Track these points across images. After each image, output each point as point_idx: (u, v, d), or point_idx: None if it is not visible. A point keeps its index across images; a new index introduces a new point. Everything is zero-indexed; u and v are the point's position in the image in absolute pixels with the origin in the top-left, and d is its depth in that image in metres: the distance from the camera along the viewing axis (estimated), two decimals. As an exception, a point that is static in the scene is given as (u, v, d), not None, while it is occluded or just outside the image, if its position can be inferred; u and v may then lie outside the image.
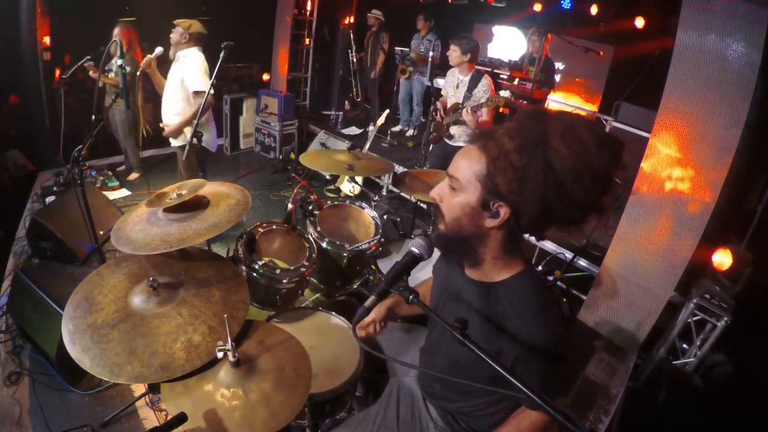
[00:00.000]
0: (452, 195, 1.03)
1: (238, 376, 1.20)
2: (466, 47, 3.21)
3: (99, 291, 1.36)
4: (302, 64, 6.17)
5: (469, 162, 0.99)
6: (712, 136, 2.37)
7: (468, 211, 1.00)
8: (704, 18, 2.30)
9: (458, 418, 1.30)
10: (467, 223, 1.01)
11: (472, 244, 1.04)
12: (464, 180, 1.00)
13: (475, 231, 1.02)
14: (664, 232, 2.63)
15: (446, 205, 1.04)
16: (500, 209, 0.97)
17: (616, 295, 2.90)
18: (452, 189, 1.03)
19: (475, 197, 0.99)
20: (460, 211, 1.01)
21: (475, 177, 0.98)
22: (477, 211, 1.00)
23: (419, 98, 5.59)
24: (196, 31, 2.91)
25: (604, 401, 2.43)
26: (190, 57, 2.92)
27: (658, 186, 2.62)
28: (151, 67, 2.96)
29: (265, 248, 2.17)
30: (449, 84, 3.42)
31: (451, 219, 1.03)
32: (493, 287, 1.08)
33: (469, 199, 1.00)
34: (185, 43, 2.91)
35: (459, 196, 1.01)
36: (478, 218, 1.00)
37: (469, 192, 0.99)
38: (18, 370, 2.12)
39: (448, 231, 1.04)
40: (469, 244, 1.05)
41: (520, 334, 1.00)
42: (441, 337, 1.27)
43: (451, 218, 1.03)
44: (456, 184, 1.01)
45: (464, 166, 1.00)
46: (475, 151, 0.99)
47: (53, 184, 3.56)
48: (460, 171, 1.01)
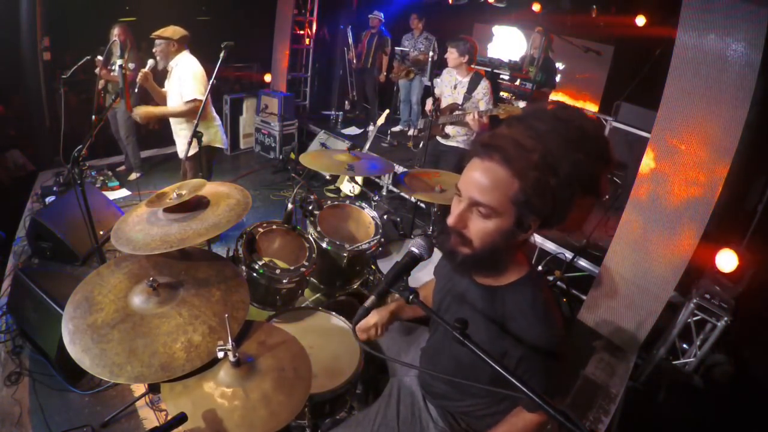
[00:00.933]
0: (482, 221, 0.97)
1: (238, 376, 1.20)
2: (463, 49, 3.22)
3: (99, 291, 1.36)
4: (302, 64, 6.17)
5: (500, 186, 0.93)
6: (712, 136, 2.37)
7: (504, 234, 0.97)
8: (704, 18, 2.29)
9: (458, 418, 1.30)
10: (502, 244, 0.99)
11: (499, 258, 1.04)
12: (499, 206, 0.94)
13: (506, 247, 1.01)
14: (665, 232, 2.63)
15: (475, 232, 0.98)
16: (533, 223, 0.97)
17: (616, 295, 2.90)
18: (481, 214, 0.96)
19: (511, 220, 0.96)
20: (497, 236, 0.97)
21: (510, 201, 0.93)
22: (512, 231, 0.97)
23: (418, 98, 5.60)
24: (182, 35, 2.83)
25: (604, 401, 2.43)
26: (182, 64, 2.84)
27: (658, 186, 2.62)
28: (148, 81, 2.88)
29: (265, 248, 2.17)
30: (446, 83, 3.42)
31: (484, 243, 0.98)
32: (498, 290, 1.08)
33: (506, 224, 0.96)
34: (175, 51, 2.84)
35: (492, 222, 0.96)
36: (512, 237, 0.98)
37: (505, 216, 0.95)
38: (18, 370, 2.13)
39: (479, 254, 1.00)
40: (496, 260, 1.04)
41: (525, 336, 1.01)
42: (444, 338, 1.27)
43: (482, 243, 0.98)
44: (486, 210, 0.95)
45: (494, 191, 0.93)
46: (502, 171, 0.92)
47: (53, 184, 3.56)
48: (491, 196, 0.94)
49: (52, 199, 3.34)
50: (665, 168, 2.58)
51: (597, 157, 0.93)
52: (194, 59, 2.88)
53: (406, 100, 5.83)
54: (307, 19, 5.85)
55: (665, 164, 2.58)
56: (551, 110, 0.98)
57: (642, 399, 2.55)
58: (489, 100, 3.19)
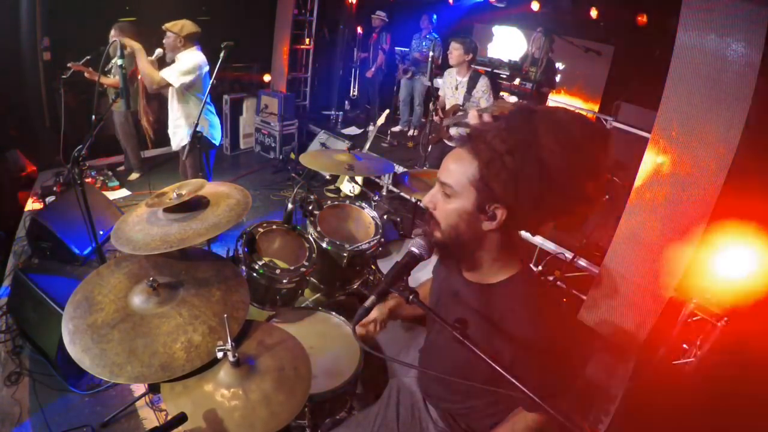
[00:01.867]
0: (446, 201, 1.01)
1: (238, 376, 1.20)
2: (469, 47, 3.25)
3: (99, 291, 1.36)
4: (302, 64, 6.17)
5: (461, 167, 0.98)
6: (712, 136, 2.37)
7: (465, 217, 0.99)
8: (704, 18, 2.29)
9: (458, 419, 1.30)
10: (465, 228, 1.00)
11: (470, 248, 1.04)
12: (458, 186, 0.98)
13: (472, 235, 1.01)
14: (664, 232, 2.63)
15: (441, 212, 1.03)
16: (497, 211, 0.97)
17: (616, 295, 2.90)
18: (446, 195, 1.01)
19: (470, 202, 0.98)
20: (457, 217, 1.00)
21: (469, 182, 0.97)
22: (474, 216, 0.99)
23: (420, 98, 5.60)
24: (189, 32, 2.83)
25: (604, 401, 2.43)
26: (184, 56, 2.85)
27: (658, 186, 2.62)
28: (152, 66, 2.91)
29: (265, 248, 2.17)
30: (448, 85, 3.43)
31: (448, 225, 1.02)
32: (489, 288, 1.08)
33: (464, 205, 0.98)
34: (182, 46, 2.85)
35: (454, 202, 1.00)
36: (475, 222, 0.99)
37: (464, 197, 0.98)
38: (18, 370, 2.12)
39: (445, 237, 1.03)
40: (467, 249, 1.04)
41: (517, 335, 1.00)
42: (439, 337, 1.27)
43: (447, 225, 1.02)
44: (449, 190, 1.00)
45: (456, 171, 0.98)
46: (466, 155, 0.97)
47: (53, 184, 3.56)
48: (452, 176, 0.99)
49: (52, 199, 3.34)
50: (665, 168, 2.58)
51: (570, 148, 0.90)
52: (200, 56, 2.87)
53: (407, 101, 5.83)
54: (307, 19, 5.85)
55: (665, 164, 2.58)
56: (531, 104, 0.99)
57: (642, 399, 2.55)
58: (489, 97, 3.20)
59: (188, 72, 2.80)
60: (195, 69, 2.82)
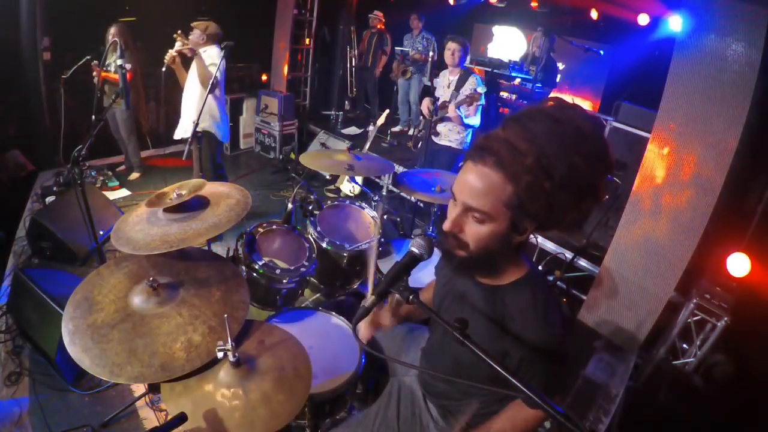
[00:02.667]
0: (477, 225, 0.97)
1: (238, 375, 1.20)
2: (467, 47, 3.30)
3: (99, 291, 1.36)
4: (302, 64, 6.16)
5: (493, 190, 0.92)
6: (712, 136, 2.37)
7: (499, 238, 0.97)
8: (704, 18, 2.30)
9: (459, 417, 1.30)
10: (497, 247, 0.99)
11: (495, 260, 1.04)
12: (493, 211, 0.93)
13: (501, 250, 1.01)
14: (664, 232, 2.63)
15: (471, 236, 0.98)
16: (528, 226, 0.97)
17: (616, 295, 2.90)
18: (476, 219, 0.96)
19: (505, 224, 0.95)
20: (491, 240, 0.97)
21: (504, 206, 0.92)
22: (507, 234, 0.97)
23: (416, 98, 5.61)
24: (212, 32, 3.18)
25: (604, 401, 2.43)
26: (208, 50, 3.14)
27: (658, 186, 2.62)
28: (175, 62, 3.17)
29: (265, 248, 2.17)
30: (442, 84, 3.50)
31: (480, 247, 0.99)
32: (499, 290, 1.08)
33: (500, 228, 0.96)
34: (203, 44, 3.14)
35: (487, 226, 0.96)
36: (507, 239, 0.99)
37: (500, 221, 0.95)
38: (18, 370, 2.12)
39: (475, 257, 1.00)
40: (493, 262, 1.04)
41: (526, 336, 1.00)
42: (444, 338, 1.27)
43: (478, 247, 0.99)
44: (481, 215, 0.95)
45: (488, 196, 0.92)
46: (495, 176, 0.91)
47: (53, 184, 3.56)
48: (484, 201, 0.93)
49: (52, 199, 3.34)
50: (665, 168, 2.58)
51: (595, 159, 0.91)
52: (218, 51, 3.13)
53: (405, 100, 5.83)
54: (307, 19, 5.85)
55: (665, 164, 2.58)
56: (547, 110, 0.94)
57: (642, 399, 2.55)
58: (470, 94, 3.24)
59: (213, 63, 3.08)
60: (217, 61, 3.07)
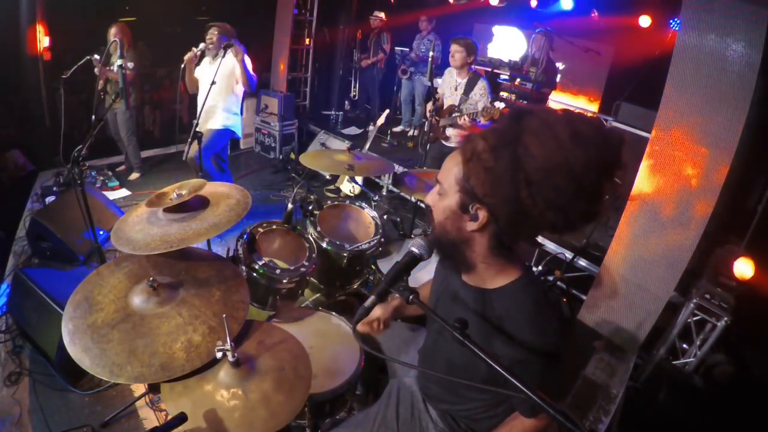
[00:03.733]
0: (439, 200, 1.04)
1: (238, 376, 1.20)
2: (471, 49, 3.24)
3: (99, 291, 1.36)
4: (302, 64, 6.16)
5: (452, 167, 1.00)
6: (712, 136, 2.37)
7: (450, 215, 1.01)
8: (704, 18, 2.29)
9: (458, 419, 1.30)
10: (451, 227, 1.02)
11: (459, 248, 1.04)
12: (447, 185, 1.01)
13: (458, 235, 1.02)
14: (664, 232, 2.63)
15: (435, 210, 1.05)
16: (479, 212, 0.96)
17: (616, 295, 2.90)
18: (439, 194, 1.04)
19: (455, 201, 0.99)
20: (443, 216, 1.02)
21: (455, 181, 0.98)
22: (458, 215, 1.00)
23: (421, 98, 5.61)
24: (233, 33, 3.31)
25: (604, 401, 2.43)
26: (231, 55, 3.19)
27: (658, 186, 2.62)
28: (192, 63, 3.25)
29: (265, 248, 2.17)
30: (447, 85, 3.43)
31: (438, 223, 1.04)
32: (488, 293, 1.08)
33: (450, 203, 1.00)
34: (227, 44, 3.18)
35: (443, 200, 1.02)
36: (459, 222, 1.01)
37: (451, 196, 1.00)
38: (18, 370, 2.12)
39: (437, 235, 1.05)
40: (456, 249, 1.05)
41: (515, 341, 1.00)
42: (438, 338, 1.27)
43: (438, 222, 1.05)
44: (441, 189, 1.03)
45: (448, 171, 1.01)
46: (457, 155, 1.00)
47: (53, 184, 3.56)
48: (445, 176, 1.02)
49: (52, 199, 3.34)
50: (665, 168, 2.58)
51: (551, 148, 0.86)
52: None
53: (408, 100, 5.83)
54: (307, 19, 5.85)
55: (665, 164, 2.58)
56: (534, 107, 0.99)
57: (642, 399, 2.55)
58: (486, 99, 3.19)
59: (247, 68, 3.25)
60: None
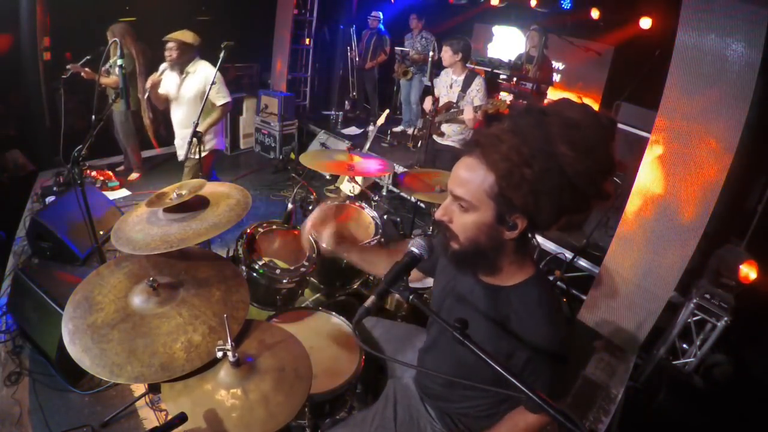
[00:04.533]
0: (463, 215, 0.98)
1: (238, 376, 1.20)
2: (457, 47, 3.31)
3: (99, 291, 1.36)
4: (302, 64, 6.16)
5: (476, 178, 0.94)
6: (712, 136, 2.37)
7: (485, 229, 0.97)
8: (704, 18, 2.29)
9: (456, 419, 1.30)
10: (485, 240, 0.99)
11: (490, 256, 1.03)
12: (474, 199, 0.95)
13: (493, 245, 1.00)
14: (664, 232, 2.63)
15: (458, 226, 1.00)
16: (517, 221, 0.96)
17: (616, 295, 2.90)
18: (462, 208, 0.98)
19: (490, 215, 0.96)
20: (476, 230, 0.98)
21: (486, 195, 0.94)
22: (494, 227, 0.97)
23: (417, 98, 5.61)
24: (199, 42, 2.92)
25: (604, 401, 2.43)
26: (202, 69, 2.94)
27: (659, 186, 2.62)
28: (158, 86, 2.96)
29: (265, 248, 2.17)
30: (443, 83, 3.50)
31: (467, 239, 1.00)
32: (504, 290, 1.07)
33: (484, 218, 0.96)
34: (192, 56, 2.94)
35: (471, 215, 0.97)
36: (495, 233, 0.98)
37: (483, 210, 0.96)
38: (18, 370, 2.12)
39: (465, 249, 1.01)
40: (487, 257, 1.03)
41: (533, 337, 1.00)
42: (441, 338, 1.27)
43: (466, 238, 1.00)
44: (465, 203, 0.97)
45: (471, 184, 0.95)
46: (479, 165, 0.94)
47: (53, 184, 3.56)
48: (467, 189, 0.96)
49: (52, 199, 3.34)
50: (665, 168, 2.58)
51: (584, 150, 0.88)
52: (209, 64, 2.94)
53: (407, 100, 5.83)
54: (307, 19, 5.85)
55: (665, 164, 2.58)
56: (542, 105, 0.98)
57: (642, 399, 2.55)
58: (482, 97, 3.26)
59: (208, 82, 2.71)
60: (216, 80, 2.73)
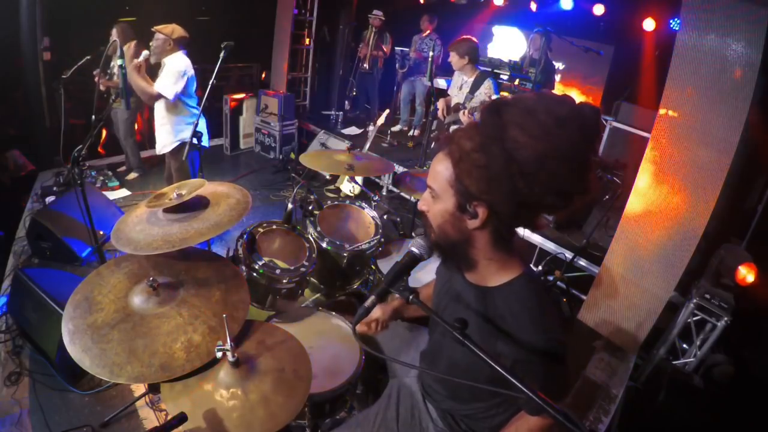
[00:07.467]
0: (434, 203, 1.04)
1: (238, 376, 1.20)
2: (463, 50, 3.33)
3: (99, 291, 1.36)
4: (302, 64, 6.16)
5: (442, 169, 1.00)
6: (712, 136, 2.37)
7: (448, 218, 1.01)
8: (704, 18, 2.30)
9: (458, 420, 1.30)
10: (451, 229, 1.03)
11: (461, 248, 1.05)
12: (439, 188, 1.01)
13: (460, 235, 1.03)
14: (664, 232, 2.63)
15: (432, 215, 1.06)
16: (477, 209, 0.97)
17: (616, 295, 2.90)
18: (433, 198, 1.04)
19: (451, 203, 1.00)
20: (441, 219, 1.03)
21: (447, 183, 0.99)
22: (456, 216, 1.00)
23: (421, 99, 5.60)
24: (180, 36, 2.82)
25: (604, 401, 2.43)
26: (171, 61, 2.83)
27: (658, 186, 2.62)
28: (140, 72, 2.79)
29: (265, 248, 2.17)
30: (454, 84, 3.53)
31: (437, 227, 1.05)
32: (490, 291, 1.07)
33: (446, 206, 1.01)
34: (170, 50, 2.83)
35: (438, 204, 1.03)
36: (459, 222, 1.01)
37: (445, 198, 1.00)
38: (18, 370, 2.12)
39: (438, 239, 1.06)
40: (458, 248, 1.05)
41: (518, 339, 1.00)
42: (442, 339, 1.27)
43: (437, 226, 1.05)
44: (434, 193, 1.03)
45: (438, 174, 1.00)
46: (444, 156, 0.99)
47: (53, 184, 3.56)
48: (435, 179, 1.02)
49: (52, 199, 3.34)
50: (665, 168, 2.58)
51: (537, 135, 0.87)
52: (186, 60, 2.85)
53: (407, 100, 5.82)
54: (307, 19, 5.85)
55: (665, 164, 2.58)
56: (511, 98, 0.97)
57: (642, 399, 2.55)
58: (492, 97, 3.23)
59: (178, 79, 2.77)
60: (182, 74, 2.79)
